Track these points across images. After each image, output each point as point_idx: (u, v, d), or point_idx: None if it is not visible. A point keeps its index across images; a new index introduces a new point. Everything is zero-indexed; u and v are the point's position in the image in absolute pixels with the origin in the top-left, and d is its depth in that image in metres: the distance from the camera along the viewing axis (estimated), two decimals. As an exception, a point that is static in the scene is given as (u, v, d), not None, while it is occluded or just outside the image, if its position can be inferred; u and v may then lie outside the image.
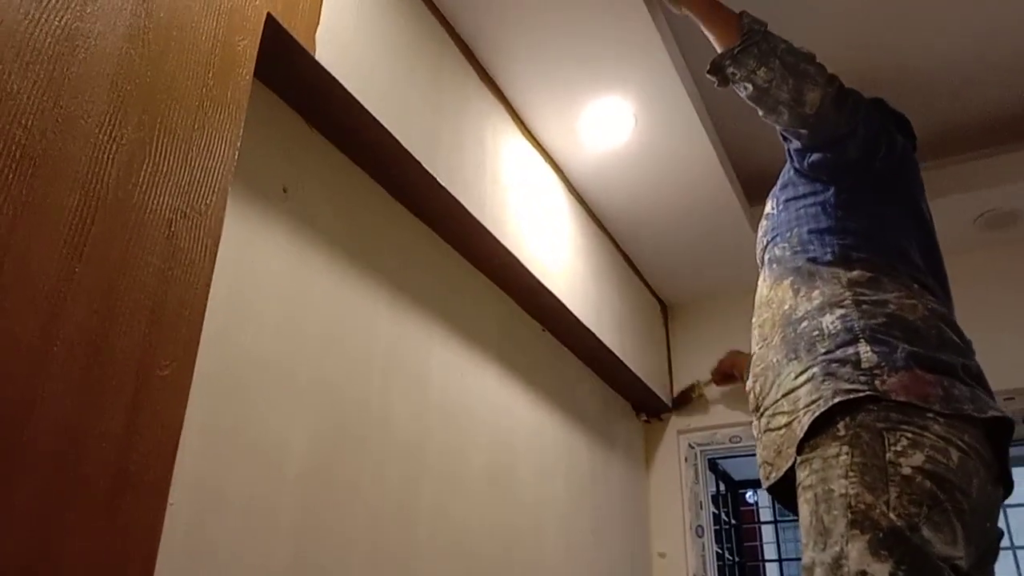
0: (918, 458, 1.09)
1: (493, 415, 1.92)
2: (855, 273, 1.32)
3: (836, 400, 1.17)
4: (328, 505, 1.32)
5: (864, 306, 1.27)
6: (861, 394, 1.16)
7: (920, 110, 2.35)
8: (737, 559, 3.37)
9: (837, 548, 1.08)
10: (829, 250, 1.36)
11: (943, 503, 1.07)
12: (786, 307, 1.37)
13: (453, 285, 1.87)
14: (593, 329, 2.35)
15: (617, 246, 2.74)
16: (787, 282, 1.39)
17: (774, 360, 1.34)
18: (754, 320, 1.47)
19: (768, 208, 1.56)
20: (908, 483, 1.08)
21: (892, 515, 1.06)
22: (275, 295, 1.29)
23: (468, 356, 1.83)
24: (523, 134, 2.14)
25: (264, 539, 1.18)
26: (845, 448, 1.14)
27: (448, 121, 1.73)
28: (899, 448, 1.11)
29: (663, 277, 3.01)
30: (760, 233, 1.57)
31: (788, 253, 1.42)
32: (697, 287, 3.07)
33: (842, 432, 1.16)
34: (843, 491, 1.11)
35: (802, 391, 1.24)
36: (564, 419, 2.33)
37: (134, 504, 0.77)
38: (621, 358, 2.55)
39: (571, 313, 2.23)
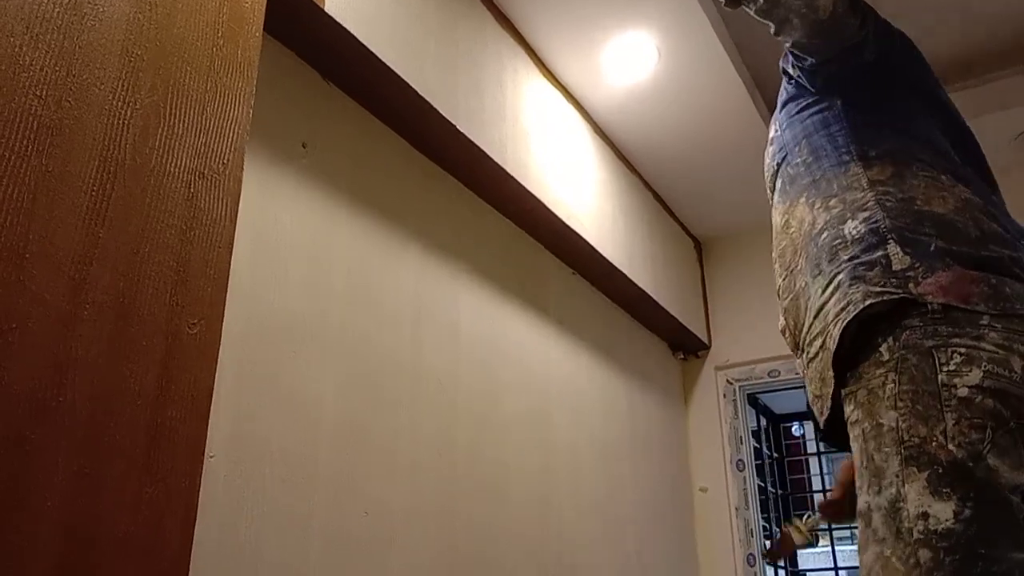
0: (975, 375, 0.97)
1: (525, 360, 1.94)
2: (875, 171, 1.19)
3: (867, 303, 1.04)
4: (365, 452, 1.35)
5: (889, 204, 1.14)
6: (895, 297, 1.03)
7: (957, 27, 2.27)
8: (781, 491, 3.39)
9: (893, 490, 0.97)
10: (844, 151, 1.24)
11: (1008, 423, 0.95)
12: (805, 225, 1.24)
13: (479, 232, 1.87)
14: (624, 270, 2.34)
15: (646, 184, 2.71)
16: (802, 199, 1.27)
17: (802, 285, 1.22)
18: (773, 253, 1.35)
19: (772, 132, 1.46)
20: (966, 406, 0.96)
21: (951, 446, 0.95)
22: (300, 250, 1.31)
23: (497, 303, 1.84)
24: (544, 75, 2.11)
25: (303, 487, 1.22)
26: (890, 375, 1.02)
27: (465, 66, 1.72)
28: (952, 367, 0.98)
29: (695, 214, 2.98)
30: (767, 160, 1.45)
31: (801, 168, 1.30)
32: (731, 222, 3.03)
33: (885, 356, 1.03)
34: (892, 424, 1.00)
35: (830, 303, 1.12)
36: (598, 361, 2.35)
37: (171, 459, 0.80)
38: (654, 298, 2.55)
39: (601, 255, 2.22)
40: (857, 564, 1.03)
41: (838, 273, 1.11)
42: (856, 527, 1.06)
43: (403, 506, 1.41)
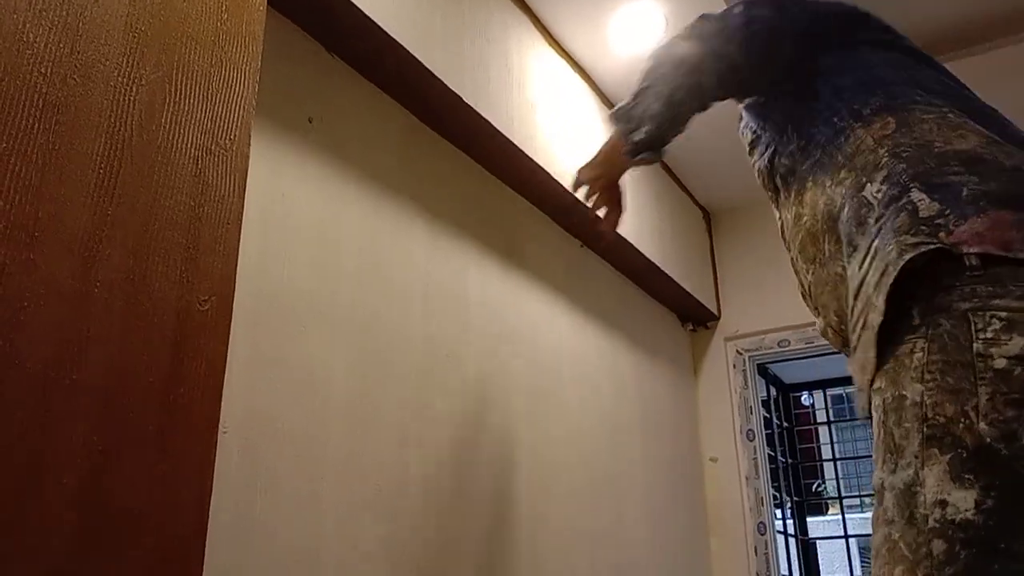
0: (1015, 344, 0.85)
1: (534, 333, 1.94)
2: (877, 127, 1.08)
3: (906, 258, 0.92)
4: (375, 428, 1.36)
5: (906, 154, 1.03)
6: (930, 247, 0.91)
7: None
8: (791, 460, 3.40)
9: (910, 472, 0.88)
10: (836, 118, 1.14)
11: None
12: (820, 208, 1.12)
13: (487, 206, 1.86)
14: (633, 241, 2.34)
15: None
16: (809, 184, 1.16)
17: (838, 271, 1.09)
18: (792, 253, 1.22)
19: (750, 136, 1.36)
20: (1003, 379, 0.85)
21: (982, 424, 0.84)
22: (308, 226, 1.31)
23: (506, 277, 1.84)
24: (550, 45, 2.09)
25: (316, 463, 1.22)
26: (920, 343, 0.91)
27: (471, 37, 1.70)
28: (990, 335, 0.87)
29: (704, 185, 2.96)
30: (757, 163, 1.33)
31: (797, 155, 1.20)
32: (740, 192, 3.01)
33: (916, 320, 0.92)
34: (917, 398, 0.89)
35: (869, 275, 0.99)
36: (608, 333, 2.35)
37: (185, 435, 0.80)
38: (663, 269, 2.54)
39: (610, 227, 2.21)
40: (869, 533, 0.96)
41: (872, 240, 1.00)
42: (870, 497, 1.00)
43: (413, 481, 1.42)
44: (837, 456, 4.23)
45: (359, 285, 1.39)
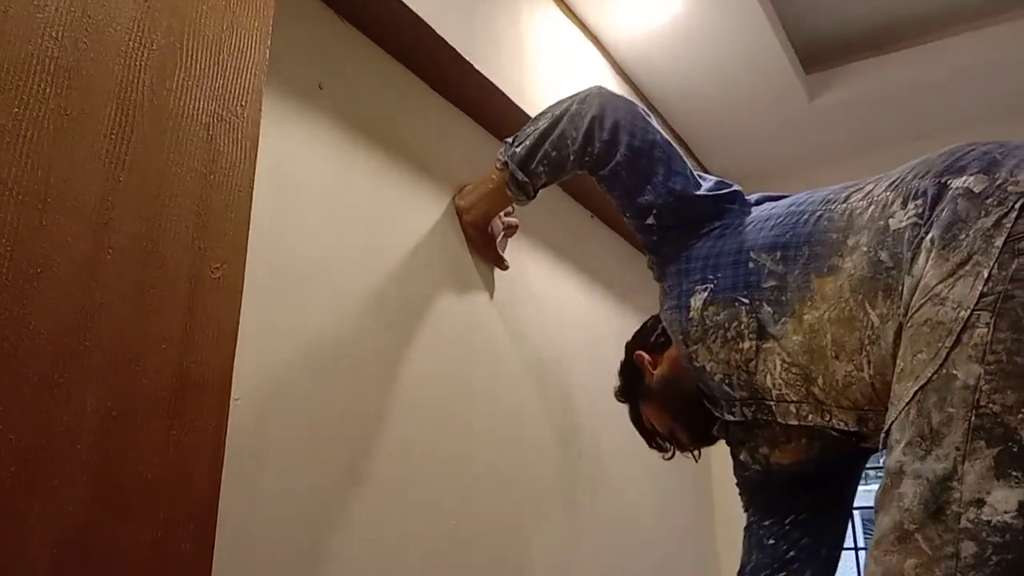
0: None
1: (540, 304, 1.94)
2: (857, 198, 1.05)
3: (1007, 219, 0.82)
4: (386, 395, 1.36)
5: (912, 171, 1.00)
6: (1007, 208, 0.83)
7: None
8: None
9: (947, 464, 0.79)
10: (805, 218, 1.10)
11: None
12: (847, 286, 1.00)
13: (498, 174, 1.85)
14: (643, 212, 2.32)
15: (667, 124, 2.67)
16: (815, 282, 1.04)
17: (882, 348, 0.94)
18: (811, 368, 1.05)
19: (677, 298, 1.25)
20: None
21: None
22: (319, 192, 1.30)
23: (515, 245, 1.83)
24: (563, 12, 2.06)
25: (328, 429, 1.23)
26: (984, 315, 0.80)
27: (482, 3, 1.68)
28: None
29: (717, 156, 2.93)
30: (715, 317, 1.18)
31: (779, 268, 1.09)
32: (753, 165, 2.98)
33: (982, 288, 0.81)
34: (972, 381, 0.79)
35: (946, 285, 0.85)
36: (617, 306, 2.34)
37: (198, 402, 0.81)
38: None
39: (620, 197, 2.20)
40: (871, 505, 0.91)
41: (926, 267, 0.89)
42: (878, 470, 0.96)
43: (422, 448, 1.43)
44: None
45: (369, 252, 1.39)
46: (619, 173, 1.35)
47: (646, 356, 1.41)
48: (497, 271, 1.76)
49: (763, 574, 1.23)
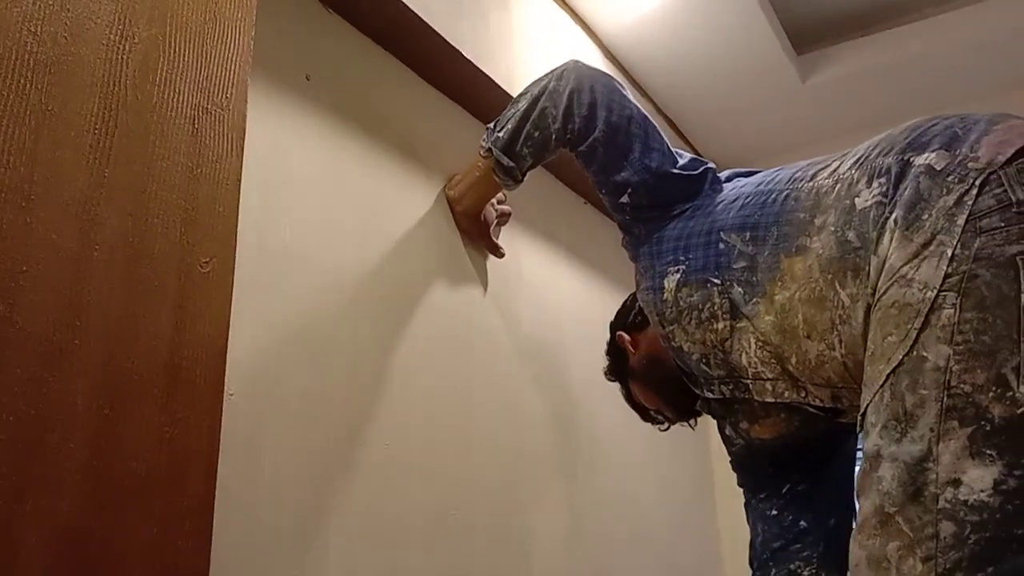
0: None
1: (535, 291, 1.94)
2: (824, 174, 1.06)
3: (965, 201, 0.82)
4: (381, 384, 1.36)
5: (875, 149, 1.00)
6: (973, 178, 0.83)
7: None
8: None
9: (922, 445, 0.79)
10: (773, 198, 1.12)
11: None
12: (816, 266, 1.00)
13: (490, 163, 1.84)
14: (637, 197, 2.31)
15: (659, 110, 2.66)
16: (784, 263, 1.05)
17: (852, 328, 0.95)
18: (783, 348, 1.06)
19: (653, 278, 1.25)
20: None
21: (1020, 392, 0.75)
22: (309, 187, 1.29)
23: (509, 233, 1.83)
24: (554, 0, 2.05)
25: (323, 421, 1.23)
26: (950, 296, 0.80)
27: (470, -10, 1.66)
28: None
29: (711, 141, 2.92)
30: (688, 298, 1.18)
31: (749, 248, 1.10)
32: (747, 148, 2.97)
33: (946, 269, 0.81)
34: (941, 362, 0.79)
35: (913, 264, 0.85)
36: (613, 290, 2.34)
37: (191, 398, 0.80)
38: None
39: (613, 182, 2.19)
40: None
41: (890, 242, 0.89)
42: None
43: (421, 436, 1.43)
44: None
45: (361, 243, 1.38)
46: (596, 149, 1.35)
47: (626, 336, 1.45)
48: (491, 259, 1.75)
49: (775, 545, 1.23)
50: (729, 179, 1.30)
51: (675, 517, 2.48)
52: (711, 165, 1.34)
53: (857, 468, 0.92)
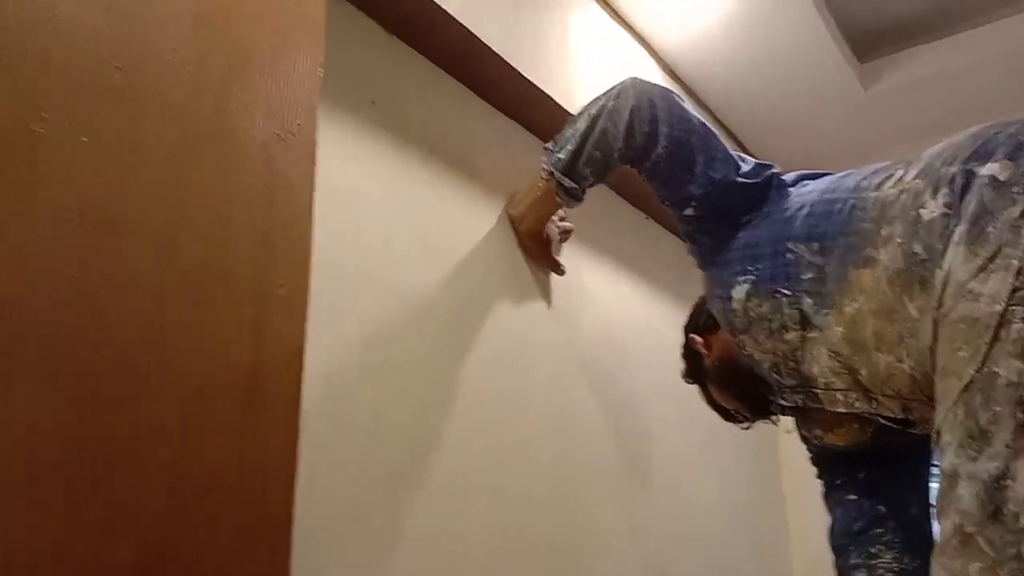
0: None
1: (599, 308, 1.93)
2: (889, 184, 1.04)
3: None
4: (446, 401, 1.37)
5: (940, 158, 0.98)
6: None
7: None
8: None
9: (998, 463, 0.77)
10: (838, 207, 1.10)
11: None
12: (884, 278, 0.99)
13: (551, 180, 1.84)
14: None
15: (719, 123, 2.63)
16: (852, 274, 1.04)
17: (920, 341, 0.93)
18: (854, 359, 1.05)
19: (737, 298, 1.22)
20: None
21: None
22: (376, 208, 1.32)
23: (572, 251, 1.83)
24: (608, 14, 2.05)
25: (394, 439, 1.24)
26: (1019, 310, 0.79)
27: (528, 9, 1.68)
28: None
29: (773, 153, 2.85)
30: (760, 307, 1.18)
31: (818, 259, 1.08)
32: (810, 159, 2.90)
33: (1016, 283, 0.80)
34: (1014, 378, 0.78)
35: (982, 279, 0.84)
36: (675, 305, 2.31)
37: (270, 417, 0.82)
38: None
39: (674, 197, 2.17)
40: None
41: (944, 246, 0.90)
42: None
43: (480, 450, 1.43)
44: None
45: (426, 263, 1.40)
46: (659, 164, 1.35)
47: (699, 339, 1.45)
48: (553, 276, 1.75)
49: (855, 527, 1.23)
50: (795, 182, 1.28)
51: (742, 530, 2.43)
52: (775, 169, 1.32)
53: (936, 487, 0.90)
